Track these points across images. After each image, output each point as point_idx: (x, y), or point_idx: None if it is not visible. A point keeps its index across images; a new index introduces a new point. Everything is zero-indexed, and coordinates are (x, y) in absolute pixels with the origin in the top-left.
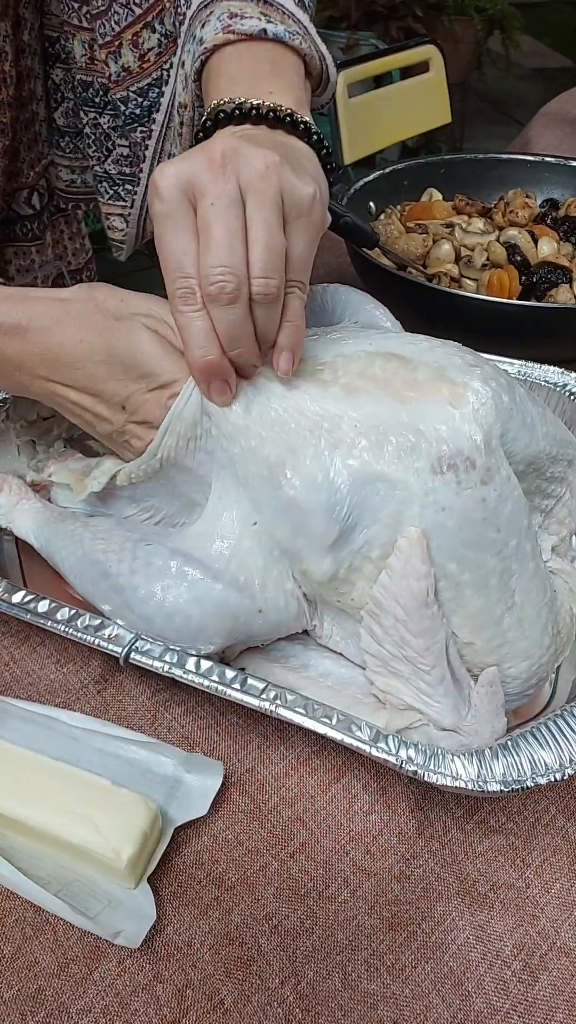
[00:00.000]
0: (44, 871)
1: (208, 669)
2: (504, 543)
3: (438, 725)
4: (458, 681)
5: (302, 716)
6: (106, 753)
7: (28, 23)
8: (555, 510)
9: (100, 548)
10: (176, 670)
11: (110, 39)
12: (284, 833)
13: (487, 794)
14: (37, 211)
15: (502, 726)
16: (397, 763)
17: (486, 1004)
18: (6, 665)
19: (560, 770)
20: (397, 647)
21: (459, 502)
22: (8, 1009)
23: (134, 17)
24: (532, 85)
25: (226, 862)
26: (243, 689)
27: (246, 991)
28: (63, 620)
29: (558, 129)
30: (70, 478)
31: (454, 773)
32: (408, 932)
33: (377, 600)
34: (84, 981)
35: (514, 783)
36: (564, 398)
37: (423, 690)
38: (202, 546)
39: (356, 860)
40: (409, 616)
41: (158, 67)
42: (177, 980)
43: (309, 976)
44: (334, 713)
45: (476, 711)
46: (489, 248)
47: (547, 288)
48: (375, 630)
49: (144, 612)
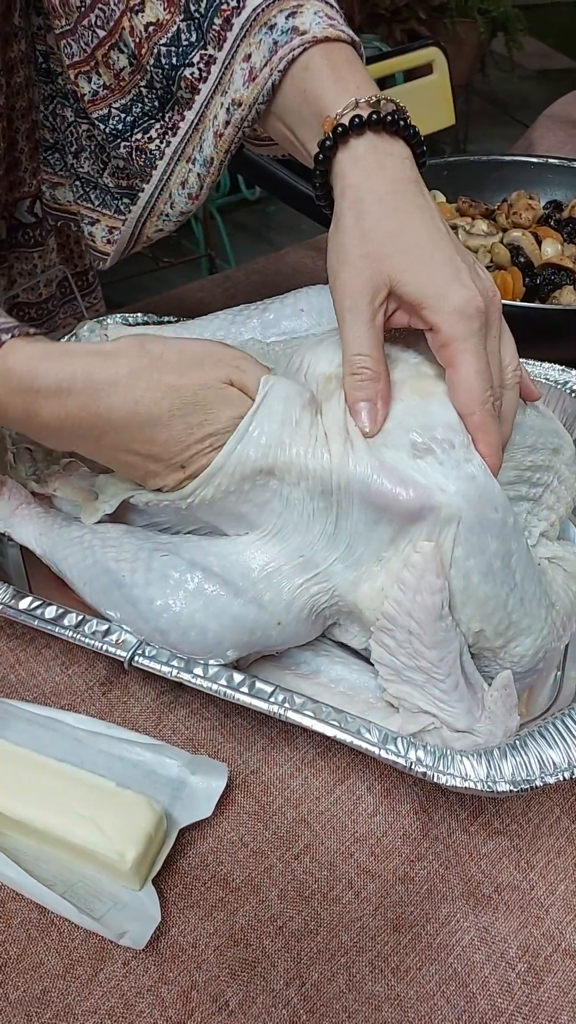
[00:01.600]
0: (49, 872)
1: (215, 674)
2: (503, 523)
3: (452, 728)
4: (471, 685)
5: (311, 719)
6: (111, 755)
7: (22, 32)
8: (542, 497)
9: (112, 556)
10: (184, 674)
11: (79, 59)
12: (289, 835)
13: (497, 794)
14: (39, 219)
15: (515, 724)
16: (407, 765)
17: (491, 1006)
18: (11, 667)
19: (569, 769)
20: (411, 658)
21: (449, 479)
22: (14, 1010)
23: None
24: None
25: (231, 864)
26: (252, 693)
27: (251, 992)
28: (70, 626)
29: (562, 131)
30: (76, 495)
31: (463, 774)
32: (413, 934)
33: (390, 615)
34: (89, 982)
35: (523, 783)
36: (565, 395)
37: (437, 696)
38: (228, 563)
39: (360, 862)
40: (424, 630)
41: (134, 85)
42: (182, 981)
43: (314, 978)
44: (343, 716)
45: (491, 713)
46: (492, 250)
47: (551, 290)
48: (387, 643)
49: (159, 625)
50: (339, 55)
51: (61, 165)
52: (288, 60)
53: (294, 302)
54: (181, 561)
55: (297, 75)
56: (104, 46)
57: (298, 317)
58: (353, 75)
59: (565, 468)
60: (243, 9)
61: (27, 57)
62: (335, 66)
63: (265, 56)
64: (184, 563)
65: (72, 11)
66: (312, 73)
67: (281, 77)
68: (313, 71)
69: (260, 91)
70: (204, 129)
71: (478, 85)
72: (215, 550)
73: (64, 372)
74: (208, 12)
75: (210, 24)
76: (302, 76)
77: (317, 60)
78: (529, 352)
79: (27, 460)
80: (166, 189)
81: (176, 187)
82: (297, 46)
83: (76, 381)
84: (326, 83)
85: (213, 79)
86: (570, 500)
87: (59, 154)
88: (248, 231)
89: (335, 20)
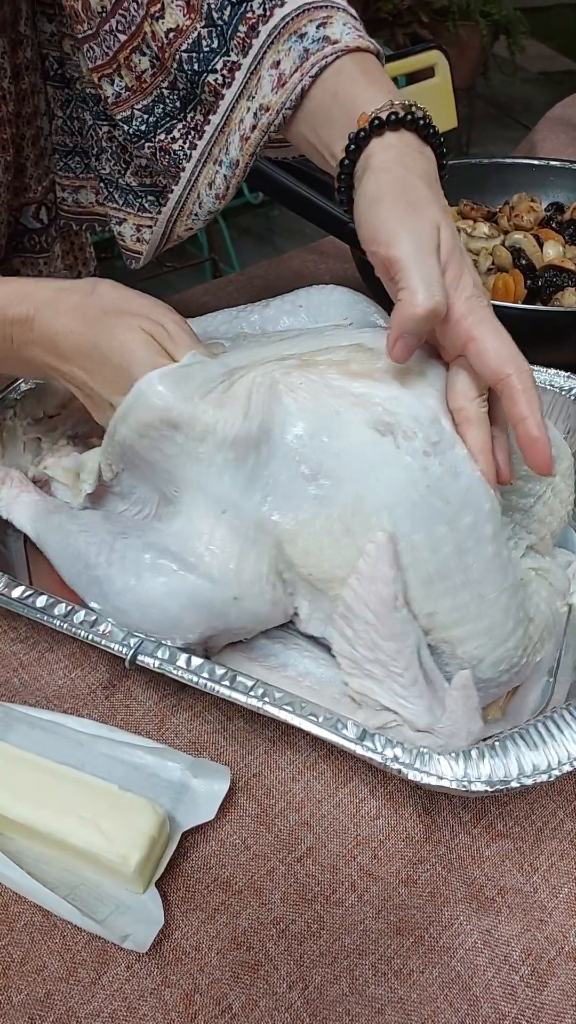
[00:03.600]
0: (52, 875)
1: (212, 670)
2: (456, 516)
3: (413, 726)
4: (432, 683)
5: (289, 713)
6: (113, 758)
7: (28, 39)
8: (534, 508)
9: (83, 540)
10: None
11: (102, 63)
12: (291, 838)
13: (471, 794)
14: (44, 225)
15: (478, 728)
16: (383, 761)
17: (494, 1009)
18: (15, 671)
19: (547, 771)
20: (369, 650)
21: (400, 463)
22: (18, 1013)
23: (120, 43)
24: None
25: (233, 867)
26: (232, 686)
27: (253, 996)
28: (59, 615)
29: (564, 133)
30: (64, 477)
31: (439, 773)
32: (415, 936)
33: (348, 603)
34: (92, 985)
35: (500, 783)
36: (569, 402)
37: (397, 692)
38: (178, 540)
39: (363, 864)
40: (379, 620)
41: (155, 87)
42: (185, 985)
43: (316, 981)
44: (321, 711)
45: (451, 713)
46: (494, 252)
47: (552, 292)
48: (347, 633)
49: (120, 604)
50: (369, 63)
51: (83, 168)
52: (321, 67)
53: (294, 299)
54: (139, 542)
55: (329, 79)
56: (126, 49)
57: (296, 314)
58: (385, 81)
59: (561, 481)
60: (270, 17)
61: (33, 64)
62: (367, 71)
63: (295, 63)
64: (142, 543)
65: (94, 16)
66: (345, 76)
67: (311, 83)
68: (346, 75)
69: (289, 96)
70: (230, 132)
71: (480, 88)
72: (170, 530)
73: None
74: (232, 20)
75: (234, 31)
76: (334, 79)
77: (350, 66)
78: (531, 355)
79: (36, 448)
80: (194, 190)
81: (204, 188)
82: (329, 54)
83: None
84: (360, 84)
85: (238, 84)
86: (564, 515)
87: (79, 157)
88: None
89: (362, 32)
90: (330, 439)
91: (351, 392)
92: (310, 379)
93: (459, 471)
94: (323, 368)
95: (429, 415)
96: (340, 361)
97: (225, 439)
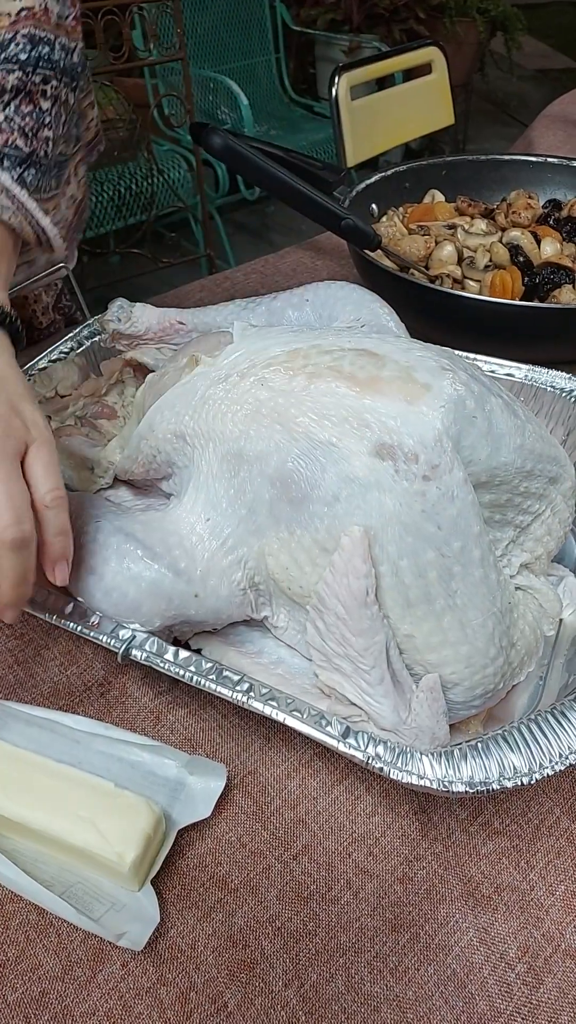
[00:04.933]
0: (48, 873)
1: (199, 663)
2: (445, 542)
3: (378, 725)
4: (399, 684)
5: (273, 708)
6: (109, 756)
7: None
8: (532, 527)
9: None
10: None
11: None
12: (287, 835)
13: (452, 794)
14: None
15: (444, 734)
16: (364, 759)
17: (490, 1007)
18: (10, 668)
19: (528, 774)
20: (339, 644)
21: (397, 488)
22: (12, 1012)
23: None
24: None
25: (229, 864)
26: (218, 681)
27: (249, 994)
28: (46, 605)
29: (560, 130)
30: (69, 460)
31: (420, 772)
32: (411, 934)
33: (320, 596)
34: (88, 984)
35: (480, 784)
36: (569, 404)
37: (364, 688)
38: (150, 530)
39: (359, 862)
40: (349, 615)
41: None
42: (180, 983)
43: (312, 979)
44: (306, 707)
45: (416, 715)
46: (492, 249)
47: (550, 289)
48: (319, 625)
49: (87, 587)
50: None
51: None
52: None
53: (301, 293)
54: (109, 525)
55: None
56: None
57: (302, 308)
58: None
59: (561, 500)
60: None
61: None
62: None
63: None
64: (113, 527)
65: None
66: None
67: None
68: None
69: None
70: None
71: (477, 85)
72: (143, 518)
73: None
74: None
75: None
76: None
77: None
78: (527, 352)
79: None
80: None
81: None
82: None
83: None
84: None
85: None
86: (562, 535)
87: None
88: (247, 231)
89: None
90: (325, 462)
91: (352, 407)
92: (308, 391)
93: (455, 495)
94: (325, 376)
95: (433, 436)
96: (344, 368)
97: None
